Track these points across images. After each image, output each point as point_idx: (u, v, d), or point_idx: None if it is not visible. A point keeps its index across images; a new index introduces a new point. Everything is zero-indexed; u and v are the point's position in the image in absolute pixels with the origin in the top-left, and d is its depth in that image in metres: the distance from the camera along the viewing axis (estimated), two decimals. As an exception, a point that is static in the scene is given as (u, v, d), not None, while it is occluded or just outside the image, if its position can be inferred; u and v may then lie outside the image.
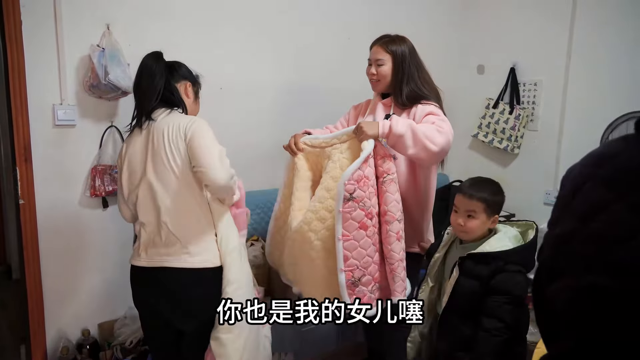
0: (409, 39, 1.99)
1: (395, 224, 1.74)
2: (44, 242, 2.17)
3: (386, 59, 1.93)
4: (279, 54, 2.68)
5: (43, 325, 2.21)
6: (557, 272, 0.70)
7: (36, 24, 2.04)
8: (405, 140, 1.71)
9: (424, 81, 1.96)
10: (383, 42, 1.95)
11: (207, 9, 2.43)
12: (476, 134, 3.31)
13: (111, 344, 2.24)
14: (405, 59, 1.92)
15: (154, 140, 1.60)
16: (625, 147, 0.66)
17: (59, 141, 2.16)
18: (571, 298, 0.67)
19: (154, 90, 1.64)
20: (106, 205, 2.30)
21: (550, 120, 3.00)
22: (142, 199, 1.65)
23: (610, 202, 0.64)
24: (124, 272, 2.38)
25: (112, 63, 2.06)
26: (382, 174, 1.74)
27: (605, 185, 0.66)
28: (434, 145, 1.73)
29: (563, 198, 0.75)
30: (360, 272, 1.71)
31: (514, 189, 3.23)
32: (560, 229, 0.72)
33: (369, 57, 1.99)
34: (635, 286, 0.59)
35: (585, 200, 0.69)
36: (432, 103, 1.92)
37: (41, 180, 2.13)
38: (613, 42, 2.67)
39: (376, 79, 1.96)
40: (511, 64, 3.14)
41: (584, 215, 0.67)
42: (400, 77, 1.92)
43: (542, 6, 2.98)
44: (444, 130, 1.77)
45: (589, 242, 0.66)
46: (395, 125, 1.70)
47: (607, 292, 0.62)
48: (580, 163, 0.74)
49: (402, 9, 3.09)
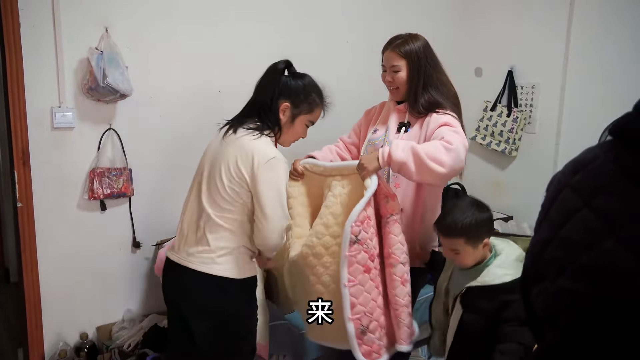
0: (422, 35, 1.86)
1: (399, 267, 1.65)
2: (42, 245, 2.16)
3: (402, 65, 1.79)
4: (280, 58, 2.68)
5: (41, 328, 2.21)
6: (537, 277, 0.73)
7: (35, 27, 2.04)
8: (408, 167, 1.57)
9: (442, 83, 1.85)
10: (395, 46, 1.80)
11: (205, 11, 2.43)
12: (474, 137, 3.32)
13: (109, 347, 2.23)
14: (420, 60, 1.79)
15: (222, 154, 1.58)
16: (599, 154, 0.68)
17: (57, 144, 2.16)
18: (546, 301, 0.70)
19: (253, 101, 1.65)
20: (104, 208, 2.30)
21: (548, 122, 3.01)
22: (190, 195, 1.69)
23: (579, 209, 0.66)
24: (122, 274, 2.40)
25: (110, 66, 2.06)
26: (386, 213, 1.65)
27: (576, 192, 0.68)
28: (440, 167, 1.56)
29: (544, 205, 0.77)
30: (367, 319, 1.62)
31: (512, 192, 3.25)
32: (539, 235, 0.75)
33: (383, 62, 1.87)
34: (601, 290, 0.61)
35: (560, 207, 0.71)
36: (448, 112, 1.77)
37: (39, 183, 2.13)
38: (610, 45, 2.68)
39: (395, 86, 1.83)
40: (509, 67, 3.15)
41: (558, 222, 0.70)
42: (416, 82, 1.79)
43: (539, 10, 2.99)
44: (452, 146, 1.58)
45: (560, 247, 0.68)
46: (395, 152, 1.57)
47: (575, 295, 0.64)
48: (561, 170, 0.76)
49: (401, 12, 3.09)
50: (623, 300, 0.59)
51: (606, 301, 0.61)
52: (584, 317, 0.63)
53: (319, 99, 1.68)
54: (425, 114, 1.79)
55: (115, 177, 2.26)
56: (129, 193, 2.31)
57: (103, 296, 2.36)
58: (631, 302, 0.58)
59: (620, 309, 0.59)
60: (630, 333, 0.59)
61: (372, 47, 1.93)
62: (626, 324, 0.59)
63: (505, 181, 3.29)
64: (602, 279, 0.61)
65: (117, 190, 2.26)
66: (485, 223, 1.54)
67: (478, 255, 1.54)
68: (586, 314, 0.63)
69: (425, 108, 1.79)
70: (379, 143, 1.87)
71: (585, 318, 0.63)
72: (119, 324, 2.31)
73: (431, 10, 3.26)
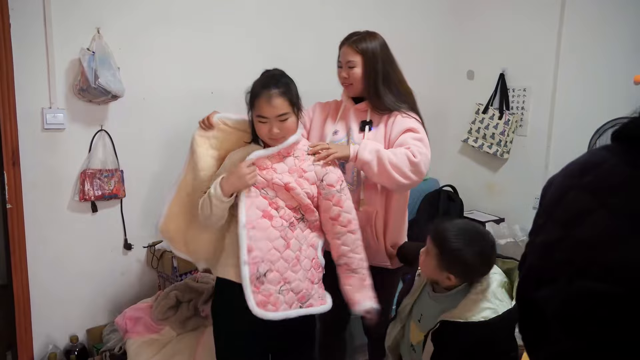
0: (380, 34, 1.86)
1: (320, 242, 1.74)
2: (31, 247, 2.14)
3: (357, 60, 1.79)
4: (272, 60, 2.68)
5: (30, 331, 2.19)
6: (546, 279, 0.71)
7: (25, 27, 2.02)
8: (371, 168, 1.67)
9: (399, 82, 1.86)
10: (352, 42, 1.81)
11: (198, 13, 2.43)
12: (466, 139, 3.34)
13: (100, 350, 2.21)
14: (377, 58, 1.79)
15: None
16: (609, 156, 0.68)
17: (48, 145, 2.14)
18: (564, 302, 0.68)
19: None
20: (95, 210, 2.28)
21: (539, 125, 3.03)
22: None
23: (595, 209, 0.66)
24: (113, 277, 2.39)
25: (102, 67, 2.05)
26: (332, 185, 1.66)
27: (590, 192, 0.68)
28: (402, 178, 1.67)
29: (545, 207, 0.76)
30: (265, 267, 1.58)
31: (504, 194, 3.27)
32: (544, 237, 0.74)
33: (339, 58, 1.87)
34: (627, 288, 0.60)
35: (569, 208, 0.70)
36: (412, 115, 1.82)
37: (29, 185, 2.11)
38: (600, 50, 2.71)
39: (349, 82, 1.83)
40: (500, 70, 3.17)
41: (568, 222, 0.69)
42: (374, 78, 1.79)
43: (530, 13, 3.02)
44: (416, 159, 1.68)
45: (575, 248, 0.67)
46: (362, 152, 1.67)
47: (600, 295, 0.63)
48: (560, 174, 0.76)
49: (393, 15, 3.11)
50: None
51: (635, 300, 0.60)
52: (607, 317, 0.63)
53: (254, 91, 1.63)
54: (390, 112, 1.82)
55: (107, 178, 2.24)
56: (120, 195, 2.29)
57: (93, 298, 2.34)
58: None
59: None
60: None
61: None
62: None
63: (497, 183, 3.31)
64: (632, 277, 0.61)
65: (108, 192, 2.24)
66: (467, 271, 1.38)
67: (437, 275, 1.41)
68: (609, 314, 0.62)
69: (389, 106, 1.81)
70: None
71: (609, 318, 0.62)
72: (109, 326, 2.29)
73: (424, 13, 3.28)
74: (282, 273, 1.61)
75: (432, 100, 3.45)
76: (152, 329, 2.11)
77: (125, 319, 2.14)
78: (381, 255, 1.90)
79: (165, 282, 2.40)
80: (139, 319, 2.14)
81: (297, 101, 1.64)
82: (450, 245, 1.36)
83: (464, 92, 3.42)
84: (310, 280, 1.66)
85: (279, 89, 1.59)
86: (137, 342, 2.06)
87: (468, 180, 3.42)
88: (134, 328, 2.11)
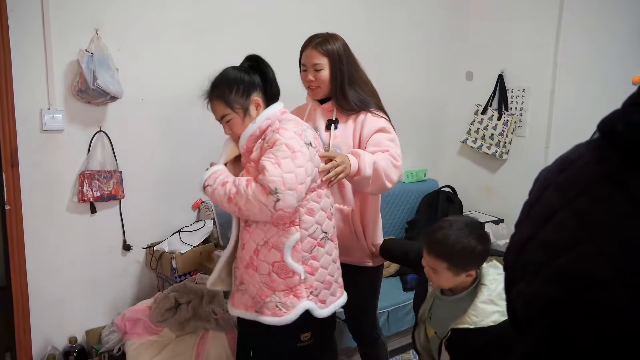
0: (340, 35, 1.85)
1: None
2: (30, 248, 2.14)
3: (324, 63, 1.78)
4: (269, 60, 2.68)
5: (29, 332, 2.18)
6: (516, 277, 0.71)
7: (24, 28, 2.02)
8: (368, 181, 1.66)
9: (364, 82, 1.84)
10: (317, 44, 1.79)
11: (196, 14, 2.43)
12: (465, 140, 3.34)
13: (99, 351, 2.21)
14: (342, 59, 1.78)
15: None
16: (585, 152, 0.65)
17: (47, 146, 2.14)
18: (523, 303, 0.68)
19: None
20: (94, 211, 2.28)
21: (538, 126, 3.03)
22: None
23: (559, 209, 0.64)
24: (112, 278, 2.38)
25: (100, 68, 2.05)
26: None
27: (559, 191, 0.66)
28: (389, 183, 1.71)
29: (527, 202, 0.75)
30: (239, 273, 1.65)
31: (503, 194, 3.27)
32: (520, 234, 0.72)
33: (302, 61, 1.83)
34: (573, 295, 0.59)
35: (542, 206, 0.69)
36: (382, 116, 1.81)
37: (28, 186, 2.10)
38: (599, 50, 2.71)
39: (315, 85, 1.80)
40: (499, 71, 3.18)
41: (538, 221, 0.67)
42: (340, 79, 1.78)
43: (529, 14, 3.02)
44: (398, 163, 1.73)
45: (538, 249, 0.66)
46: (364, 168, 1.62)
47: (548, 299, 0.62)
48: (549, 166, 0.73)
49: (393, 17, 3.11)
50: (594, 307, 0.57)
51: (577, 307, 0.58)
52: (556, 321, 0.61)
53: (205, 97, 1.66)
54: (357, 111, 1.81)
55: (106, 179, 2.24)
56: (119, 196, 2.29)
57: (92, 300, 2.34)
58: (603, 309, 0.56)
59: (591, 315, 0.57)
60: (603, 340, 0.57)
61: (363, 53, 1.93)
62: (597, 331, 0.57)
63: (496, 184, 3.31)
64: (575, 284, 0.59)
65: (107, 193, 2.24)
66: (479, 256, 1.39)
67: (458, 281, 1.41)
68: (558, 319, 0.61)
69: (356, 105, 1.79)
70: None
71: (558, 323, 0.61)
72: (108, 327, 2.29)
73: (422, 14, 3.28)
74: (240, 273, 1.60)
75: (431, 101, 3.47)
76: (151, 331, 2.11)
77: (124, 320, 2.14)
78: (361, 254, 1.88)
79: (164, 284, 2.40)
80: (138, 320, 2.13)
81: (236, 100, 1.58)
82: (460, 250, 1.35)
83: (462, 93, 3.42)
84: (269, 286, 1.53)
85: (214, 93, 1.62)
86: (136, 343, 2.06)
87: (467, 181, 3.42)
88: (133, 329, 2.11)
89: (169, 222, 2.49)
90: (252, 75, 1.63)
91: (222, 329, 2.12)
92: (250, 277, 1.57)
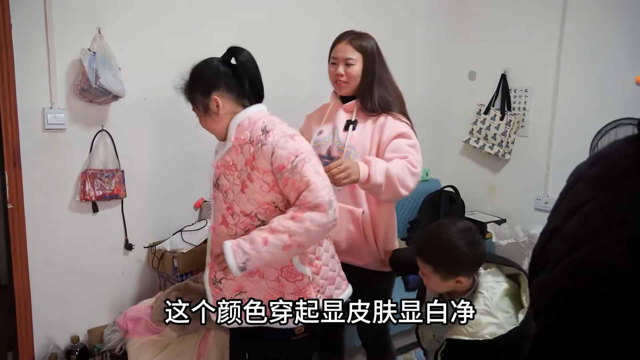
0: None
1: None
2: (32, 247, 2.14)
3: (356, 58, 1.74)
4: (271, 60, 2.68)
5: (31, 331, 2.18)
6: (540, 266, 0.71)
7: (26, 27, 2.02)
8: (380, 189, 1.60)
9: (391, 84, 1.82)
10: (351, 39, 1.76)
11: (198, 13, 2.43)
12: (468, 140, 3.33)
13: (101, 350, 2.21)
14: (375, 58, 1.76)
15: None
16: (619, 147, 0.66)
17: (49, 145, 2.14)
18: (542, 292, 0.69)
19: None
20: (96, 210, 2.28)
21: (541, 126, 3.02)
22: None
23: (586, 202, 0.64)
24: (113, 277, 2.38)
25: (103, 67, 2.05)
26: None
27: (590, 184, 0.66)
28: (405, 191, 1.64)
29: (560, 194, 0.75)
30: (220, 274, 1.53)
31: (505, 194, 3.26)
32: (549, 225, 0.73)
33: (333, 55, 1.80)
34: (588, 285, 0.59)
35: (572, 198, 0.69)
36: (403, 120, 1.77)
37: (30, 185, 2.11)
38: (602, 50, 2.70)
39: (345, 80, 1.76)
40: (502, 71, 3.17)
41: (567, 213, 0.68)
42: (371, 78, 1.75)
43: (532, 14, 3.01)
44: (416, 170, 1.66)
45: (562, 240, 0.66)
46: (374, 176, 1.56)
47: (562, 289, 0.62)
48: (584, 161, 0.73)
49: (395, 16, 3.10)
50: (606, 299, 0.57)
51: (589, 298, 0.58)
52: (565, 311, 0.62)
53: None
54: (378, 113, 1.77)
55: (108, 178, 2.24)
56: (121, 195, 2.29)
57: (94, 299, 2.34)
58: (615, 303, 0.56)
59: (601, 307, 0.57)
60: (607, 332, 0.57)
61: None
62: (602, 324, 0.57)
63: (499, 184, 3.30)
64: (591, 276, 0.59)
65: (109, 192, 2.24)
66: (467, 262, 1.36)
67: (448, 286, 1.39)
68: (568, 308, 0.61)
69: (379, 106, 1.76)
70: (326, 144, 1.85)
71: (567, 312, 0.61)
72: (110, 326, 2.29)
73: (426, 14, 3.28)
74: (239, 282, 1.53)
75: (434, 100, 3.46)
76: (153, 330, 2.11)
77: (126, 319, 2.14)
78: (371, 257, 1.83)
79: (165, 283, 2.40)
80: (139, 320, 2.13)
81: (196, 97, 1.54)
82: (443, 256, 1.35)
83: (465, 92, 3.41)
84: (277, 291, 1.51)
85: (184, 93, 1.59)
86: (137, 342, 2.06)
87: (469, 180, 3.41)
88: (135, 328, 2.11)
89: (171, 221, 2.49)
90: (224, 70, 1.55)
91: (224, 328, 2.11)
92: (255, 284, 1.52)
